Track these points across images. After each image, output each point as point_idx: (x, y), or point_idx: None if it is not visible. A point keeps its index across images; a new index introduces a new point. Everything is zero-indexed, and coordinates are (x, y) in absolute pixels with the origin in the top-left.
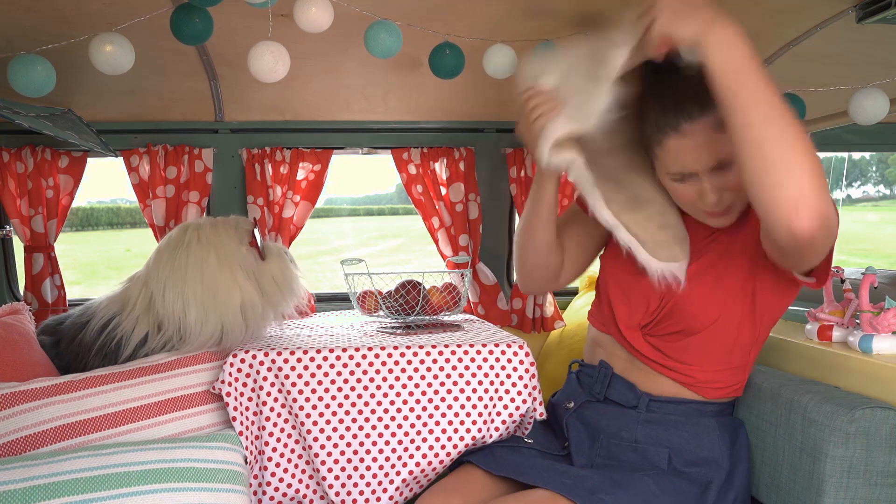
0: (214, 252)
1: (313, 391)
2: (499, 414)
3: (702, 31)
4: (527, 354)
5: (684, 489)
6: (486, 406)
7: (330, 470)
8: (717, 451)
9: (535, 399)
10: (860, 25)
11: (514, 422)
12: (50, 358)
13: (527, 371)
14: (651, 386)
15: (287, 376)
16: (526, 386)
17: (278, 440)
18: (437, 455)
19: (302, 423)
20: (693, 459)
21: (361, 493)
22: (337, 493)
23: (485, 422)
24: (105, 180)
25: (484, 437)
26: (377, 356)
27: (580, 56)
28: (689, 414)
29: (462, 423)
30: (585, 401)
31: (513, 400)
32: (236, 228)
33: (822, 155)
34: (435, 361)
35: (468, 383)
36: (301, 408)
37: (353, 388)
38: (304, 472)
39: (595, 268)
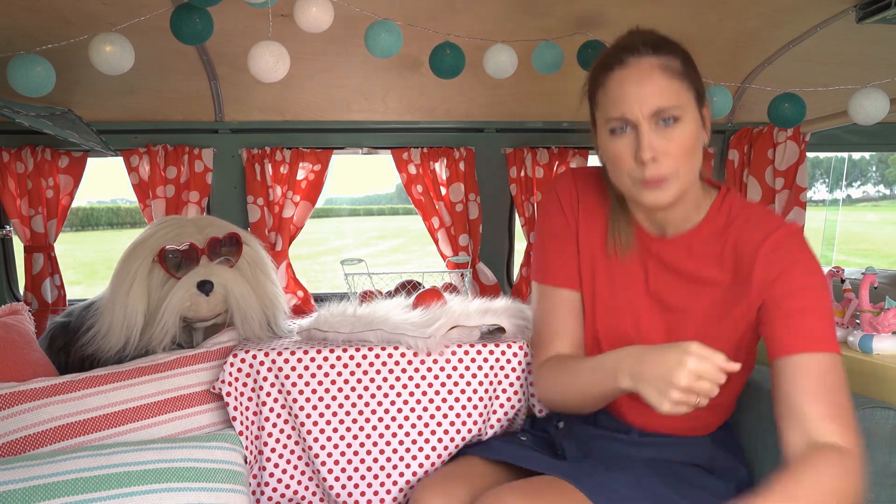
0: (122, 262)
1: (313, 391)
2: (494, 412)
3: None
4: (525, 355)
5: (685, 491)
6: (486, 406)
7: (330, 470)
8: (719, 462)
9: (532, 395)
10: (860, 25)
11: (508, 419)
12: (58, 357)
13: (524, 370)
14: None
15: (287, 376)
16: (523, 385)
17: (278, 440)
18: (439, 455)
19: (302, 424)
20: (694, 468)
21: (363, 493)
22: (337, 494)
23: (485, 420)
24: (105, 180)
25: (481, 432)
26: (377, 356)
27: None
28: (682, 437)
29: (464, 423)
30: (575, 421)
31: (509, 399)
32: (163, 240)
33: (822, 155)
34: (435, 361)
35: (468, 384)
36: (301, 408)
37: (353, 388)
38: (303, 472)
39: None
